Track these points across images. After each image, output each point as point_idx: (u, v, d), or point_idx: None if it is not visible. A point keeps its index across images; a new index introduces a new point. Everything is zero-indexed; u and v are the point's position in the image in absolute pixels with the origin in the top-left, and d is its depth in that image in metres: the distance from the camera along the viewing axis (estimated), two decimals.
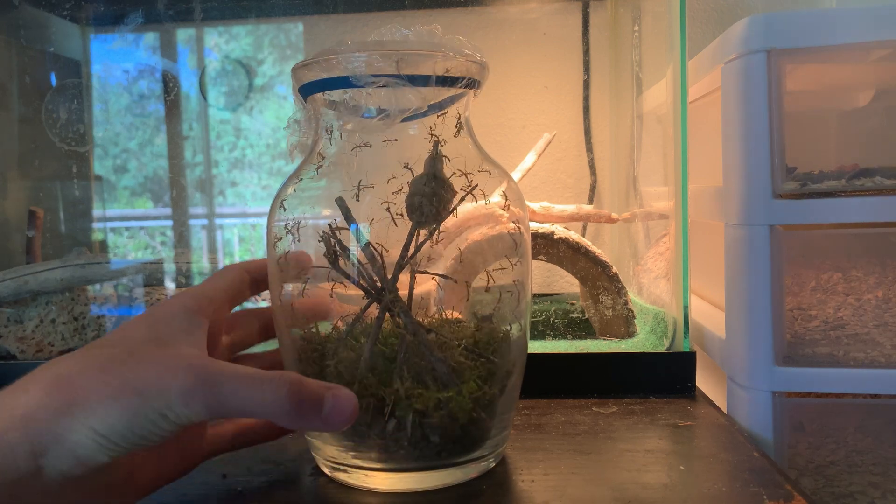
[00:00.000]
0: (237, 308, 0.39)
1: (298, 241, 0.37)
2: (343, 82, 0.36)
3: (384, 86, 0.35)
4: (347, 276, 0.36)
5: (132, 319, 0.32)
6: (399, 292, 0.36)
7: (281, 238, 0.37)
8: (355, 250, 0.36)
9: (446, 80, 0.36)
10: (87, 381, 0.28)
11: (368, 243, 0.36)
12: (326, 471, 0.39)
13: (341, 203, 0.36)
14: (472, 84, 0.37)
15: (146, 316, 0.32)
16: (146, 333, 0.31)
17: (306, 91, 0.38)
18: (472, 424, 0.36)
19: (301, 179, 0.39)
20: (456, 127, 0.38)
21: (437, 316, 0.39)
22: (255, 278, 0.38)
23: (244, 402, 0.29)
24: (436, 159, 0.35)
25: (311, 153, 0.40)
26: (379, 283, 0.36)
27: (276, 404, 0.29)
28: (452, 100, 0.38)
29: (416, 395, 0.34)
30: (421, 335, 0.35)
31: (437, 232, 0.36)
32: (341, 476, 0.38)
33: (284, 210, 0.38)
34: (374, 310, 0.36)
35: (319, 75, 0.36)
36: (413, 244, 0.36)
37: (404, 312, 0.36)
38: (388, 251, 0.36)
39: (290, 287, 0.38)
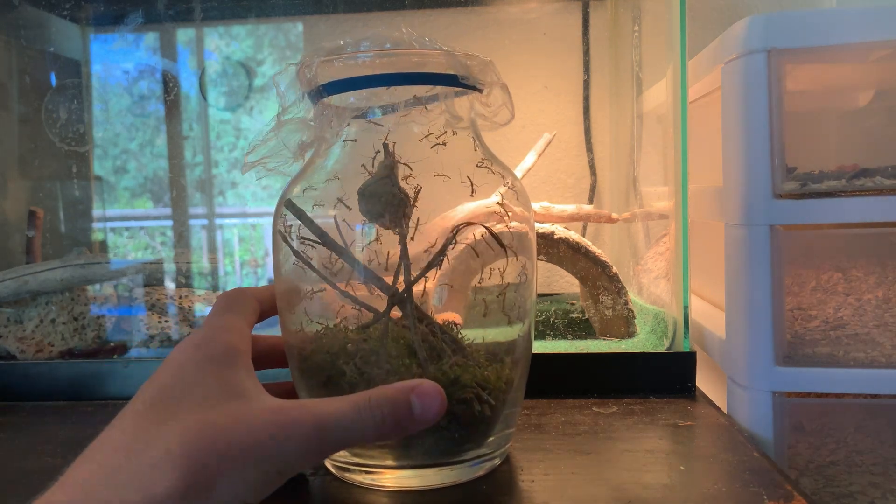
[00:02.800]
0: None
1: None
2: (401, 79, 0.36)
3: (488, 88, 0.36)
4: (352, 298, 0.36)
5: (186, 361, 0.31)
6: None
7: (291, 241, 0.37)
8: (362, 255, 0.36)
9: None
10: (213, 460, 0.27)
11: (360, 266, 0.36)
12: (333, 470, 0.39)
13: (291, 206, 0.36)
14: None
15: (204, 360, 0.31)
16: (219, 385, 0.30)
17: (346, 87, 0.37)
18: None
19: (313, 180, 0.39)
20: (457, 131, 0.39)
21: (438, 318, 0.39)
22: (263, 309, 0.38)
23: (350, 436, 0.29)
24: (391, 162, 0.35)
25: (316, 153, 0.40)
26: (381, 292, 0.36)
27: (380, 428, 0.30)
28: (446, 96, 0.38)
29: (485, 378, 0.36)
30: (450, 339, 0.36)
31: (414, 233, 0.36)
32: (349, 476, 0.38)
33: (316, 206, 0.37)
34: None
35: (373, 70, 0.36)
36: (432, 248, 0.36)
37: (426, 318, 0.36)
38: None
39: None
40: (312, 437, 0.28)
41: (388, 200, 0.35)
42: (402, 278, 0.36)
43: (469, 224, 0.36)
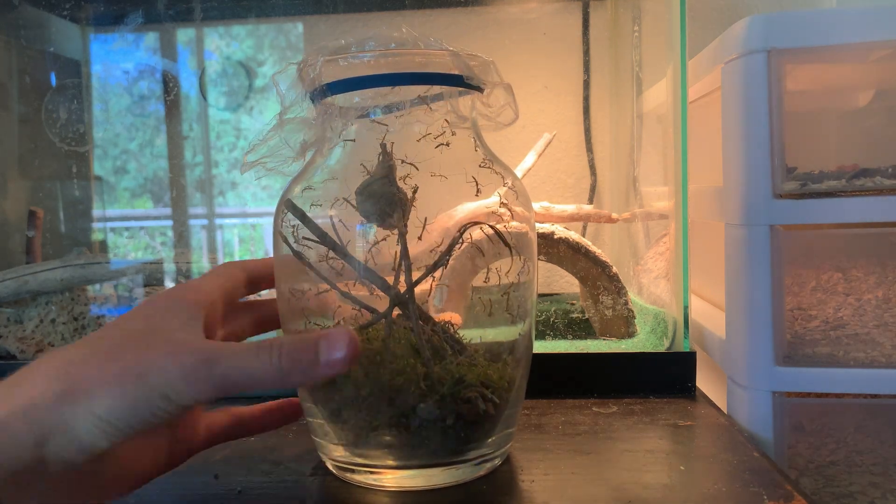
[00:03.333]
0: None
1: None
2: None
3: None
4: (353, 299, 0.37)
5: (128, 312, 0.33)
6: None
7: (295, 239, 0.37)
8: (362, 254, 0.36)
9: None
10: (89, 368, 0.28)
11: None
12: (334, 471, 0.39)
13: (292, 206, 0.36)
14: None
15: (142, 308, 0.33)
16: (143, 324, 0.31)
17: (351, 87, 0.37)
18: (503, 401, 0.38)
19: (313, 179, 0.39)
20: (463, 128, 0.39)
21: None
22: (251, 278, 0.38)
23: (245, 374, 0.29)
24: (389, 163, 0.35)
25: (317, 152, 0.40)
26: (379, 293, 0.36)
27: (275, 367, 0.29)
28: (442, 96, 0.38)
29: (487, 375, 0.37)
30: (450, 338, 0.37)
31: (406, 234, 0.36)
32: (350, 476, 0.38)
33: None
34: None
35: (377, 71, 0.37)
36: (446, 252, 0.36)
37: (428, 319, 0.37)
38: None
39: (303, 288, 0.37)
40: (200, 362, 0.29)
41: (387, 200, 0.35)
42: (402, 278, 0.36)
43: (476, 223, 0.36)
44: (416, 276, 0.36)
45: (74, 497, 0.29)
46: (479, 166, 0.39)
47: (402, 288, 0.36)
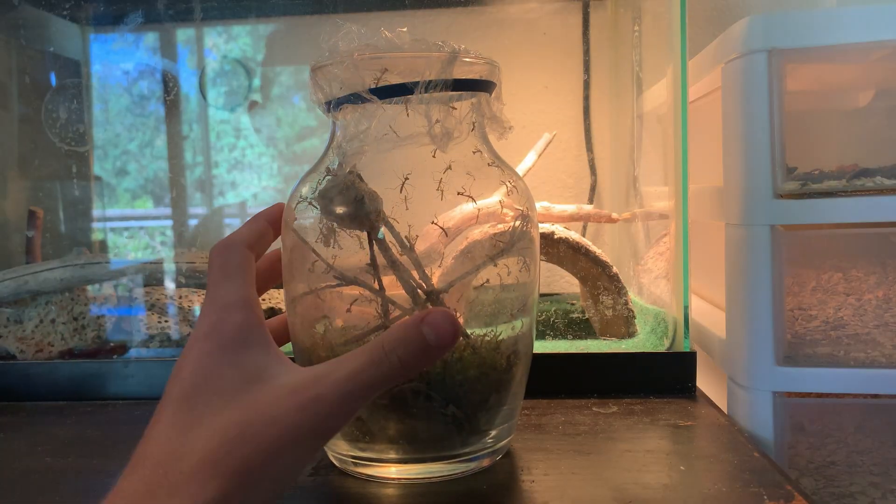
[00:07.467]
0: None
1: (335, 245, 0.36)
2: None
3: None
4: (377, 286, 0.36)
5: (200, 355, 0.30)
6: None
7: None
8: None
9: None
10: (246, 463, 0.27)
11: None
12: (338, 465, 0.39)
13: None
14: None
15: (217, 351, 0.30)
16: (235, 373, 0.29)
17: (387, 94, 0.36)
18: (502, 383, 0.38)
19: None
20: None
21: None
22: (258, 254, 0.36)
23: (373, 386, 0.29)
24: (352, 170, 0.35)
25: (327, 152, 0.40)
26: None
27: (402, 369, 0.29)
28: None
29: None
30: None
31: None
32: (353, 469, 0.38)
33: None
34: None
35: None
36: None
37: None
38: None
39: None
40: (337, 405, 0.28)
41: (370, 198, 0.34)
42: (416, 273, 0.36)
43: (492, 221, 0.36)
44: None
45: None
46: (489, 165, 0.39)
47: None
